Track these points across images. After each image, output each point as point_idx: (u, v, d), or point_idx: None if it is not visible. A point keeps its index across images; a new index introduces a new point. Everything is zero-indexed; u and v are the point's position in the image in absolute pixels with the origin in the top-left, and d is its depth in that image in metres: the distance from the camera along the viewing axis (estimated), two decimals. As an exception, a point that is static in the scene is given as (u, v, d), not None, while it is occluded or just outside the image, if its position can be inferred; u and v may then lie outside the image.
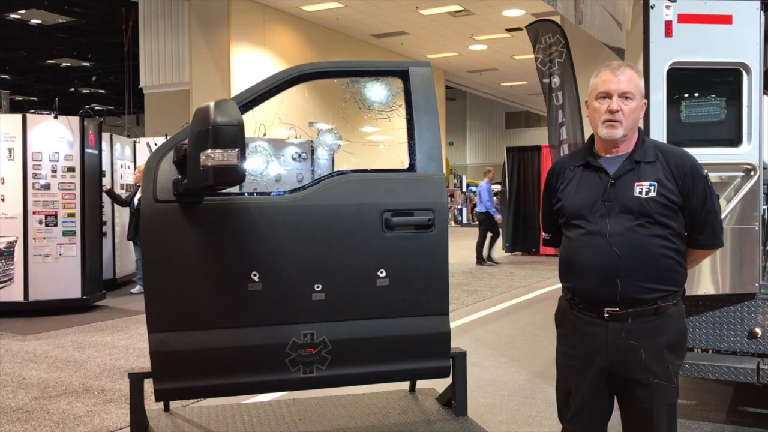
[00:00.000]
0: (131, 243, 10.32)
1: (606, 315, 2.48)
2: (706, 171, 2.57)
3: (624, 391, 2.55)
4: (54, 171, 8.62)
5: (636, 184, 2.48)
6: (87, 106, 23.81)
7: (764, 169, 3.99)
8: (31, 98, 30.15)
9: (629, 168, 2.51)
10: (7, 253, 7.28)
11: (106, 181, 10.53)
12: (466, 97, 37.73)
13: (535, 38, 11.21)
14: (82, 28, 20.14)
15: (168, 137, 3.79)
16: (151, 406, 3.42)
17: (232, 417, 3.44)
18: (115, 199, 10.29)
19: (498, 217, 13.81)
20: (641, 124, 2.68)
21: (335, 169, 4.43)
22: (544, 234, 2.87)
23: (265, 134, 9.53)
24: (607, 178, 2.52)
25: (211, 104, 2.63)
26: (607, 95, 2.50)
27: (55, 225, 8.60)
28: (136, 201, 9.52)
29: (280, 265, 2.91)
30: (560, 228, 2.67)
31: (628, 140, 2.55)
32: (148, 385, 2.96)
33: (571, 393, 2.60)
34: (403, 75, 3.20)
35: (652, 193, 2.46)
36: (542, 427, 4.44)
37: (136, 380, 3.02)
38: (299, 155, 11.44)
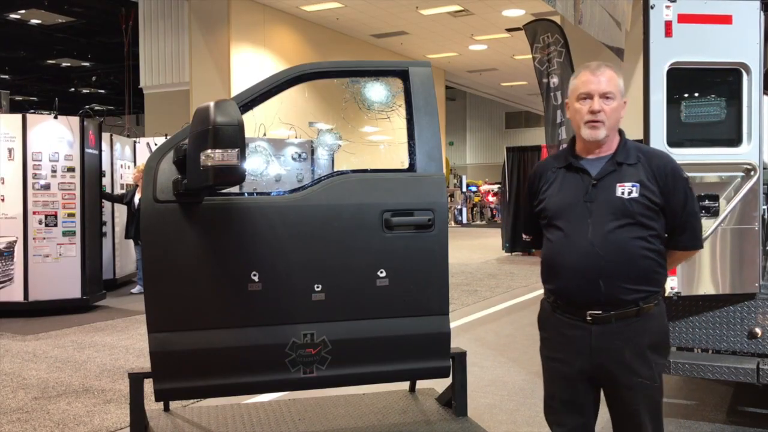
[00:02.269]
0: (131, 243, 10.32)
1: (589, 318, 2.48)
2: (686, 174, 2.58)
3: (610, 393, 2.57)
4: (54, 171, 8.61)
5: (618, 185, 2.48)
6: (87, 106, 23.79)
7: (764, 169, 4.00)
8: (31, 98, 30.15)
9: (611, 169, 2.52)
10: (7, 253, 7.28)
11: (105, 181, 10.53)
12: (466, 97, 37.72)
13: (533, 38, 11.20)
14: (82, 28, 20.13)
15: (168, 137, 3.79)
16: (151, 406, 3.42)
17: (232, 417, 3.44)
18: (110, 198, 10.29)
19: None
20: (622, 125, 2.66)
21: (335, 169, 4.42)
22: (524, 236, 2.86)
23: (265, 134, 9.53)
24: (589, 179, 2.52)
25: (211, 104, 2.62)
26: (588, 96, 2.51)
27: (55, 225, 8.59)
28: (136, 201, 9.53)
29: (280, 265, 2.91)
30: (541, 230, 2.67)
31: (610, 141, 2.56)
32: (148, 385, 2.96)
33: (555, 396, 2.62)
34: (403, 75, 3.19)
35: (635, 194, 2.46)
36: (542, 427, 4.42)
37: (136, 380, 3.02)
38: (299, 155, 11.45)
